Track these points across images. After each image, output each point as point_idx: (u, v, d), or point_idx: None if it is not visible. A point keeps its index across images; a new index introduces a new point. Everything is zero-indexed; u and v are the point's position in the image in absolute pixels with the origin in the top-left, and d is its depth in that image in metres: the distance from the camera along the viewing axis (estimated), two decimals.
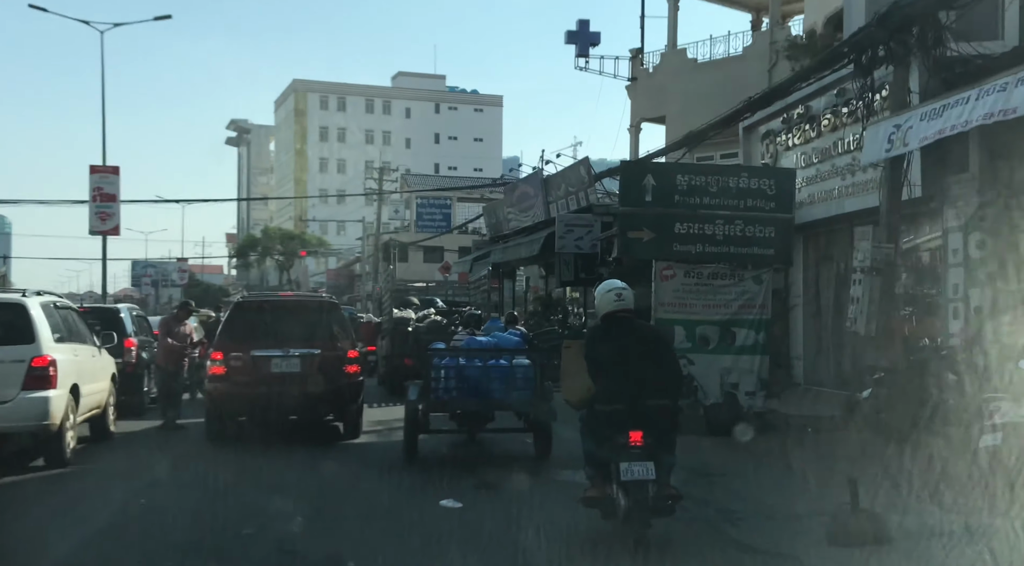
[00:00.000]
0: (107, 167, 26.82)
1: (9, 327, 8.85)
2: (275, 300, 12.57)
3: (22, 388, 8.78)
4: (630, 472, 5.91)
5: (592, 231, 22.61)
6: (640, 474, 5.91)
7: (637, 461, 5.93)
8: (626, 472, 5.91)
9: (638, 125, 33.08)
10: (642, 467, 5.92)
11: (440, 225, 56.35)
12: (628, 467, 5.92)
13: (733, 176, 11.74)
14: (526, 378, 9.38)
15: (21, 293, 9.46)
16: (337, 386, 10.85)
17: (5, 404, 8.72)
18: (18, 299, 9.18)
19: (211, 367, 10.87)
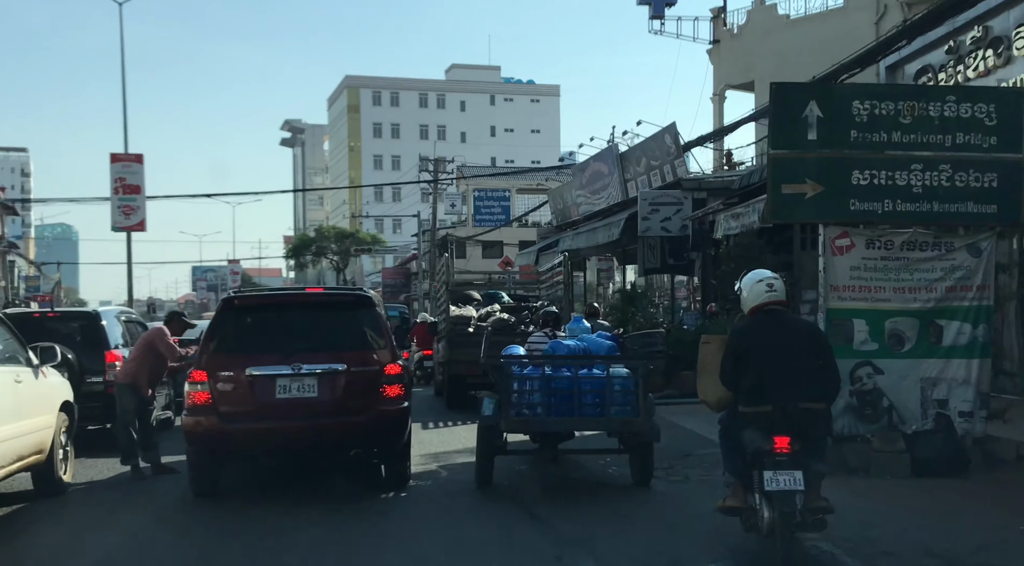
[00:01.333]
0: (129, 155, 23.87)
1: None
2: (279, 295, 9.08)
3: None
4: (775, 482, 5.44)
5: (681, 210, 19.44)
6: (786, 484, 5.42)
7: (783, 470, 5.46)
8: (770, 481, 5.45)
9: (722, 93, 29.70)
10: (789, 476, 5.44)
11: (499, 218, 54.68)
12: (773, 476, 5.45)
13: (936, 100, 8.06)
14: (625, 390, 7.95)
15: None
16: (372, 416, 7.64)
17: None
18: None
19: (190, 393, 7.54)
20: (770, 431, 5.48)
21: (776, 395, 5.55)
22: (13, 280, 64.29)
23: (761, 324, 5.86)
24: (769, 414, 5.54)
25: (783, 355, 5.65)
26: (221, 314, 7.98)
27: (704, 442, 9.93)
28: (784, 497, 5.38)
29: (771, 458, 5.46)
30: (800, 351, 5.71)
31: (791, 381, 5.58)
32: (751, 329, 5.91)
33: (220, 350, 7.65)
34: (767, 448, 5.46)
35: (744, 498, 5.82)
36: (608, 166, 24.05)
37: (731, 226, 15.50)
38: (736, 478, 5.92)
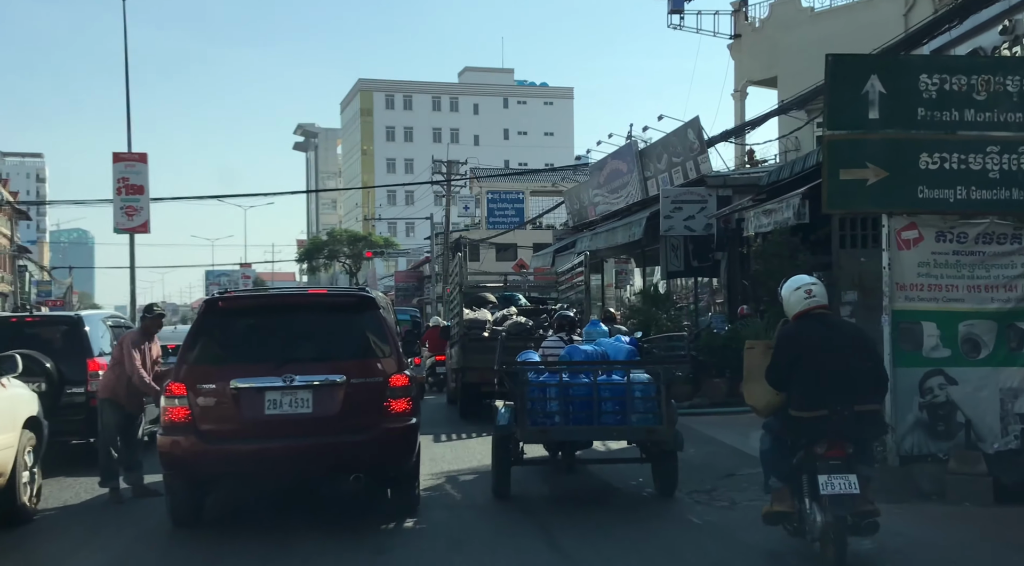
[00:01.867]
0: (133, 154, 23.03)
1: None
2: (269, 296, 7.95)
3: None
4: (830, 485, 5.39)
5: (706, 208, 18.55)
6: (841, 488, 5.38)
7: (837, 474, 5.42)
8: (825, 485, 5.40)
9: (744, 89, 28.74)
10: (843, 480, 5.40)
11: (512, 220, 54.05)
12: (828, 480, 5.40)
13: (1015, 73, 7.08)
14: (647, 397, 7.60)
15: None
16: (376, 435, 6.69)
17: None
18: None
19: (167, 409, 6.59)
20: (823, 435, 5.47)
21: (831, 399, 5.50)
22: (25, 285, 63.98)
23: (808, 328, 5.79)
24: (824, 418, 5.48)
25: (834, 358, 5.59)
26: (203, 318, 7.00)
27: (746, 459, 8.97)
28: (840, 501, 5.35)
29: (824, 462, 5.44)
30: (850, 353, 5.65)
31: (845, 384, 5.53)
32: (800, 333, 5.81)
33: (201, 359, 6.72)
34: (820, 452, 5.46)
35: (791, 503, 5.80)
36: (627, 164, 23.13)
37: (762, 223, 14.53)
38: (783, 483, 5.86)
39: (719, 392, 13.11)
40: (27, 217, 70.01)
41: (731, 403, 12.96)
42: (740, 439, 9.97)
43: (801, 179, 14.90)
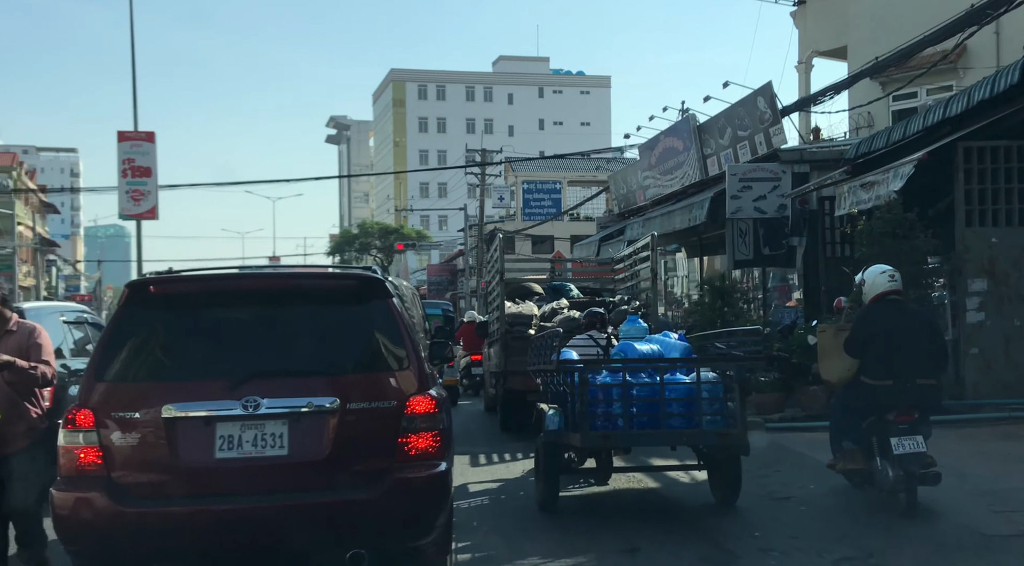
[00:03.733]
0: (139, 133, 21.01)
1: None
2: (224, 278, 5.03)
3: None
4: (901, 446, 6.33)
5: (779, 186, 16.29)
6: (911, 447, 6.33)
7: (907, 436, 6.37)
8: (898, 446, 6.33)
9: (808, 61, 26.25)
10: (912, 441, 6.35)
11: (549, 211, 52.25)
12: (899, 441, 6.33)
13: None
14: (714, 399, 6.99)
15: None
16: (386, 490, 4.42)
17: None
18: None
19: (66, 450, 4.39)
20: (892, 403, 6.40)
21: (898, 371, 6.43)
22: (52, 279, 62.98)
23: (884, 310, 6.76)
24: (890, 388, 6.43)
25: (904, 338, 6.53)
26: (125, 311, 4.66)
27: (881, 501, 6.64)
28: (912, 459, 6.28)
29: (895, 427, 6.37)
30: (917, 335, 6.62)
31: (910, 360, 6.49)
32: (877, 314, 6.78)
33: (121, 374, 4.47)
34: (891, 419, 6.38)
35: (864, 461, 6.66)
36: (683, 141, 20.81)
37: (861, 199, 12.14)
38: (855, 444, 6.74)
39: (817, 402, 10.74)
40: (55, 210, 69.12)
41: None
42: None
43: (902, 148, 12.51)
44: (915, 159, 10.81)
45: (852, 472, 6.78)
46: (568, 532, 6.57)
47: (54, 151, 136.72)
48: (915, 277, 10.85)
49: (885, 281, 6.84)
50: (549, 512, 7.19)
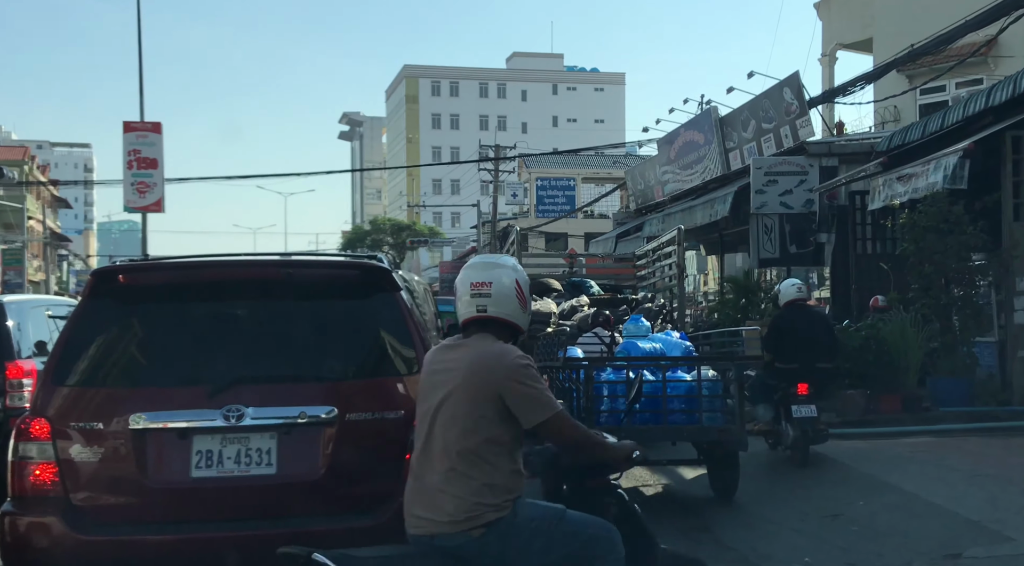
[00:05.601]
0: (145, 123, 20.48)
1: None
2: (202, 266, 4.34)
3: None
4: (799, 412, 8.01)
5: (806, 180, 15.64)
6: (806, 413, 8.02)
7: (804, 405, 8.05)
8: (796, 412, 8.02)
9: (832, 54, 25.57)
10: (808, 408, 8.04)
11: (563, 208, 51.83)
12: (798, 408, 8.02)
13: None
14: (714, 396, 7.40)
15: None
16: (393, 514, 3.49)
17: None
18: None
19: (18, 466, 3.73)
20: (795, 380, 8.14)
21: (802, 358, 8.25)
22: (63, 274, 62.79)
23: (793, 313, 8.72)
24: (796, 370, 8.21)
25: (807, 333, 8.45)
26: (89, 304, 4.02)
27: (953, 520, 5.96)
28: (807, 422, 8.02)
29: (795, 397, 8.10)
30: (817, 331, 8.64)
31: (811, 350, 8.37)
32: (788, 316, 8.74)
33: (83, 378, 3.86)
34: (793, 391, 8.12)
35: (773, 425, 8.48)
36: (704, 134, 20.16)
37: (897, 192, 11.50)
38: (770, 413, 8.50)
39: (855, 407, 10.08)
40: (67, 205, 68.92)
41: (871, 421, 9.95)
42: (925, 483, 6.93)
43: (938, 139, 11.84)
44: (960, 149, 10.16)
45: (765, 432, 8.57)
46: None
47: (68, 146, 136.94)
48: (960, 274, 10.20)
49: (795, 291, 8.93)
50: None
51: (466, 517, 2.95)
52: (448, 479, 2.99)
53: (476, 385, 3.02)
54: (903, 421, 9.83)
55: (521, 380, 3.06)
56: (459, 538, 2.95)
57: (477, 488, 2.97)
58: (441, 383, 3.08)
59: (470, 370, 3.04)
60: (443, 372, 3.10)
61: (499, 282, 3.17)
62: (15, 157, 51.66)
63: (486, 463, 3.01)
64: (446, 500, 2.97)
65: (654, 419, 7.18)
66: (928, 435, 9.27)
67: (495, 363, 3.05)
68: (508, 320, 3.17)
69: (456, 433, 3.01)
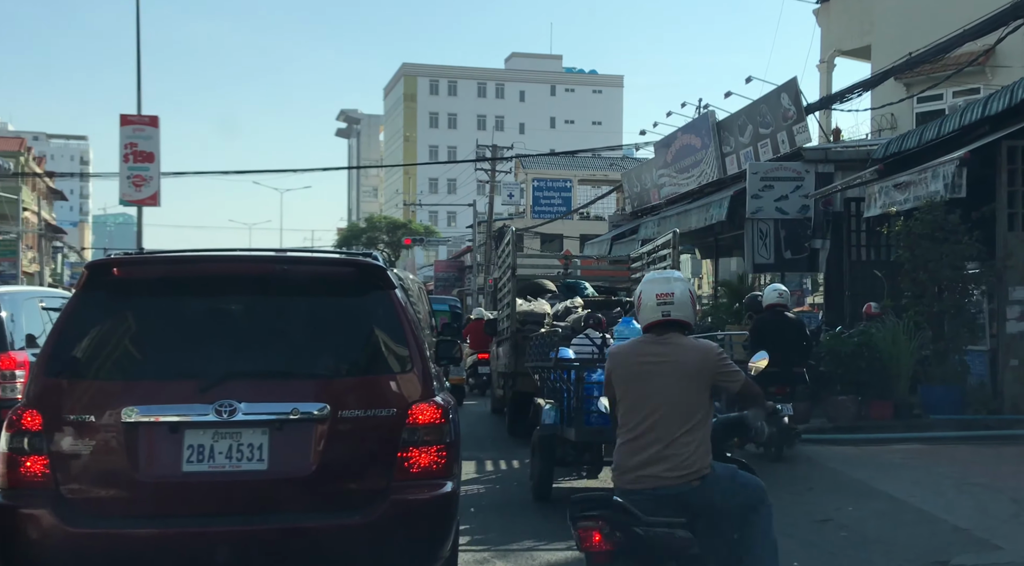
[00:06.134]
0: (142, 117, 20.43)
1: None
2: (196, 261, 4.29)
3: None
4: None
5: (801, 186, 15.74)
6: (783, 411, 8.16)
7: (781, 403, 8.23)
8: None
9: (831, 60, 25.59)
10: (784, 407, 8.44)
11: (559, 209, 51.91)
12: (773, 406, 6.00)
13: None
14: None
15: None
16: (382, 513, 3.80)
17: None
18: None
19: (7, 457, 3.72)
20: (772, 380, 8.17)
21: (780, 360, 7.93)
22: (58, 266, 62.63)
23: (773, 318, 9.37)
24: (775, 371, 7.48)
25: (784, 337, 9.02)
26: (83, 297, 4.02)
27: (939, 526, 5.98)
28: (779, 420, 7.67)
29: (774, 397, 8.04)
30: (793, 335, 9.23)
31: (788, 352, 8.75)
32: (768, 320, 9.38)
33: (75, 370, 3.85)
34: (772, 390, 8.27)
35: None
36: (701, 138, 20.20)
37: (894, 200, 11.54)
38: None
39: (846, 413, 10.11)
40: (63, 197, 68.72)
41: (862, 427, 9.99)
42: (915, 490, 6.96)
43: (935, 148, 11.88)
44: (956, 157, 10.20)
45: None
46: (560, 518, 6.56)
47: (64, 138, 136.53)
48: (953, 282, 10.24)
49: (776, 297, 9.48)
50: (544, 501, 7.57)
51: (688, 472, 3.78)
52: (674, 444, 3.81)
53: (695, 370, 3.89)
54: (894, 428, 9.87)
55: (724, 361, 4.00)
56: (681, 488, 3.76)
57: (694, 450, 3.82)
58: (656, 371, 3.92)
59: (687, 359, 3.91)
60: (655, 362, 3.93)
61: (679, 292, 3.99)
62: (11, 148, 51.50)
63: (699, 430, 3.86)
64: (673, 460, 3.79)
65: None
66: (919, 442, 9.31)
67: (705, 352, 3.96)
68: (685, 321, 4.01)
69: (681, 409, 3.84)
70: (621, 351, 4.12)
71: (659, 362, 3.92)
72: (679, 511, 3.71)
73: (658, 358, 3.93)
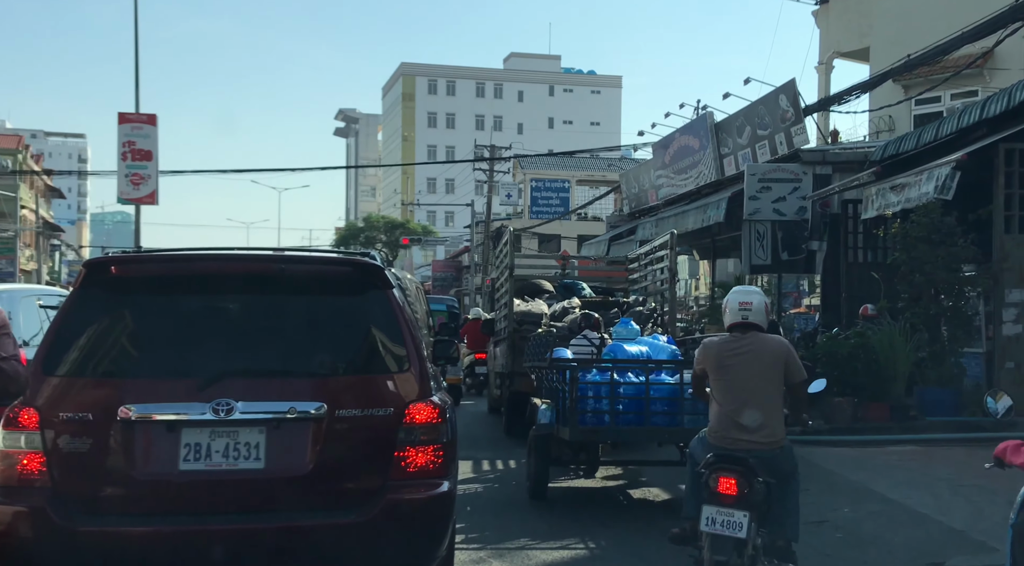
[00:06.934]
0: (140, 115, 20.43)
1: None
2: (193, 259, 4.27)
3: None
4: None
5: (799, 188, 15.74)
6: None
7: None
8: None
9: (829, 62, 25.62)
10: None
11: (557, 210, 51.95)
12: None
13: None
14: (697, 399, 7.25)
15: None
16: (378, 512, 3.81)
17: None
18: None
19: (5, 454, 3.72)
20: None
21: None
22: (55, 264, 62.56)
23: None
24: None
25: None
26: (81, 294, 4.01)
27: (933, 527, 6.00)
28: None
29: None
30: None
31: None
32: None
33: (72, 368, 3.85)
34: None
35: None
36: (699, 139, 20.22)
37: (891, 202, 11.55)
38: None
39: (842, 414, 10.13)
40: (60, 195, 68.64)
41: (858, 429, 10.00)
42: (911, 491, 6.97)
43: (932, 150, 11.90)
44: (953, 160, 10.21)
45: None
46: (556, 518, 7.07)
47: (62, 136, 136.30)
48: (949, 285, 10.26)
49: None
50: (539, 500, 7.65)
51: (774, 440, 4.86)
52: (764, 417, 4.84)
53: (771, 359, 4.91)
54: (890, 429, 9.87)
55: (793, 356, 5.02)
56: (769, 452, 4.82)
57: (779, 422, 4.92)
58: (741, 361, 4.94)
59: (764, 350, 4.93)
60: (739, 354, 4.95)
61: (756, 302, 5.03)
62: (9, 146, 51.44)
63: (778, 407, 4.94)
64: (764, 430, 4.84)
65: (637, 420, 7.42)
66: (914, 444, 9.32)
67: (779, 345, 5.01)
68: (759, 324, 5.02)
69: (763, 389, 4.88)
70: (711, 346, 5.16)
71: (742, 353, 4.93)
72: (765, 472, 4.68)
73: (741, 350, 4.94)
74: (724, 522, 4.60)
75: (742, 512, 4.56)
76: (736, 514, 4.56)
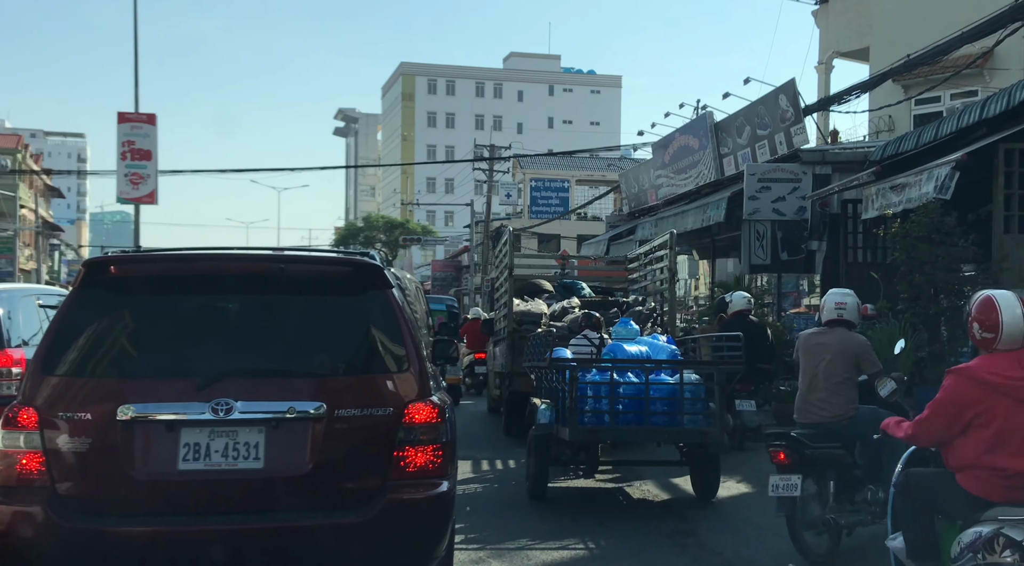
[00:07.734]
0: (140, 114, 20.42)
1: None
2: (192, 259, 4.26)
3: None
4: (741, 405, 9.70)
5: (799, 188, 15.74)
6: (747, 407, 9.74)
7: (745, 399, 9.77)
8: (739, 405, 9.67)
9: (829, 62, 25.62)
10: (748, 403, 9.78)
11: (556, 210, 52.02)
12: (740, 403, 9.66)
13: None
14: (696, 399, 7.67)
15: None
16: (378, 512, 3.81)
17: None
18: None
19: (3, 454, 3.73)
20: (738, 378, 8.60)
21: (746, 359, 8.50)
22: (55, 263, 62.56)
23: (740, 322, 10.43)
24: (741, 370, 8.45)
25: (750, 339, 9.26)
26: (79, 294, 4.02)
27: None
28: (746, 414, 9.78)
29: (738, 393, 9.68)
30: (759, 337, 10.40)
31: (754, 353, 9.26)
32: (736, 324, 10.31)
33: (71, 368, 3.85)
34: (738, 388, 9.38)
35: None
36: (699, 139, 20.22)
37: (891, 202, 11.53)
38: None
39: None
40: (60, 195, 68.64)
41: None
42: None
43: (932, 150, 11.90)
44: (953, 160, 10.20)
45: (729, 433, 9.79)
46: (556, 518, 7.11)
47: (62, 136, 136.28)
48: (949, 285, 10.25)
49: (744, 303, 10.73)
50: (539, 500, 7.70)
51: (843, 412, 5.93)
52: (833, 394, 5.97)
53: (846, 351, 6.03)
54: None
55: (867, 351, 6.16)
56: (839, 423, 5.92)
57: (847, 398, 6.00)
58: (823, 349, 6.08)
59: (842, 343, 6.07)
60: (824, 344, 6.11)
61: (850, 303, 6.25)
62: (8, 145, 51.44)
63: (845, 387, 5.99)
64: (833, 404, 5.97)
65: (636, 420, 7.45)
66: None
67: (854, 341, 6.12)
68: (852, 321, 6.22)
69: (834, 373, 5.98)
70: (802, 336, 6.43)
71: (826, 344, 6.08)
72: (833, 438, 5.80)
73: (826, 341, 6.10)
74: (784, 486, 5.59)
75: (796, 475, 5.56)
76: (792, 478, 5.56)
